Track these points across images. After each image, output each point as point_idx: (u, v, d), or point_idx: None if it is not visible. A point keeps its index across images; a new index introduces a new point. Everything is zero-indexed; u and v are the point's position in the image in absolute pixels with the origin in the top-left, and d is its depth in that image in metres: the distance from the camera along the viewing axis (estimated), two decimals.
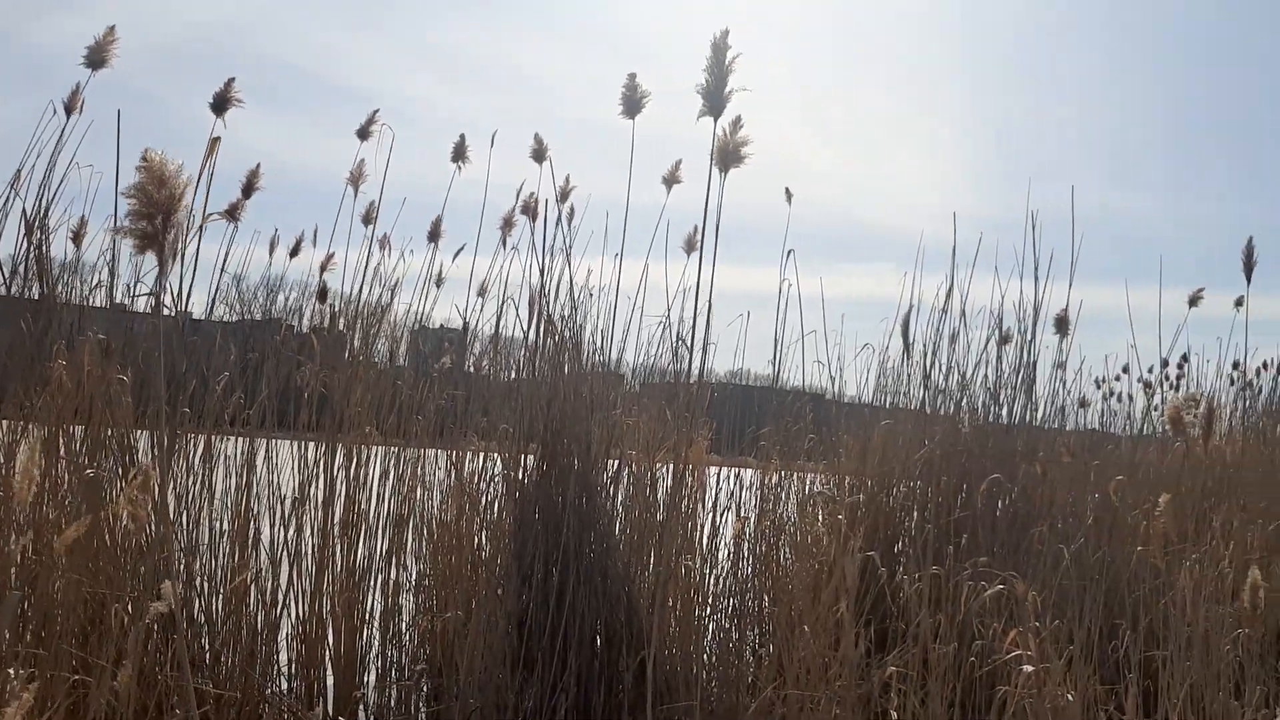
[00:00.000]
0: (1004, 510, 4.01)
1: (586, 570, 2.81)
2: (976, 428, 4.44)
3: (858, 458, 4.41)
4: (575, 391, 2.98)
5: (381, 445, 3.81)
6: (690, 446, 3.62)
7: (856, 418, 4.91)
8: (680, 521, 3.39)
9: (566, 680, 2.71)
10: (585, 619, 2.79)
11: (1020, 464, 4.21)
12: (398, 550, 3.68)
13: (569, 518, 2.86)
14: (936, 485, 4.19)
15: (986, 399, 4.46)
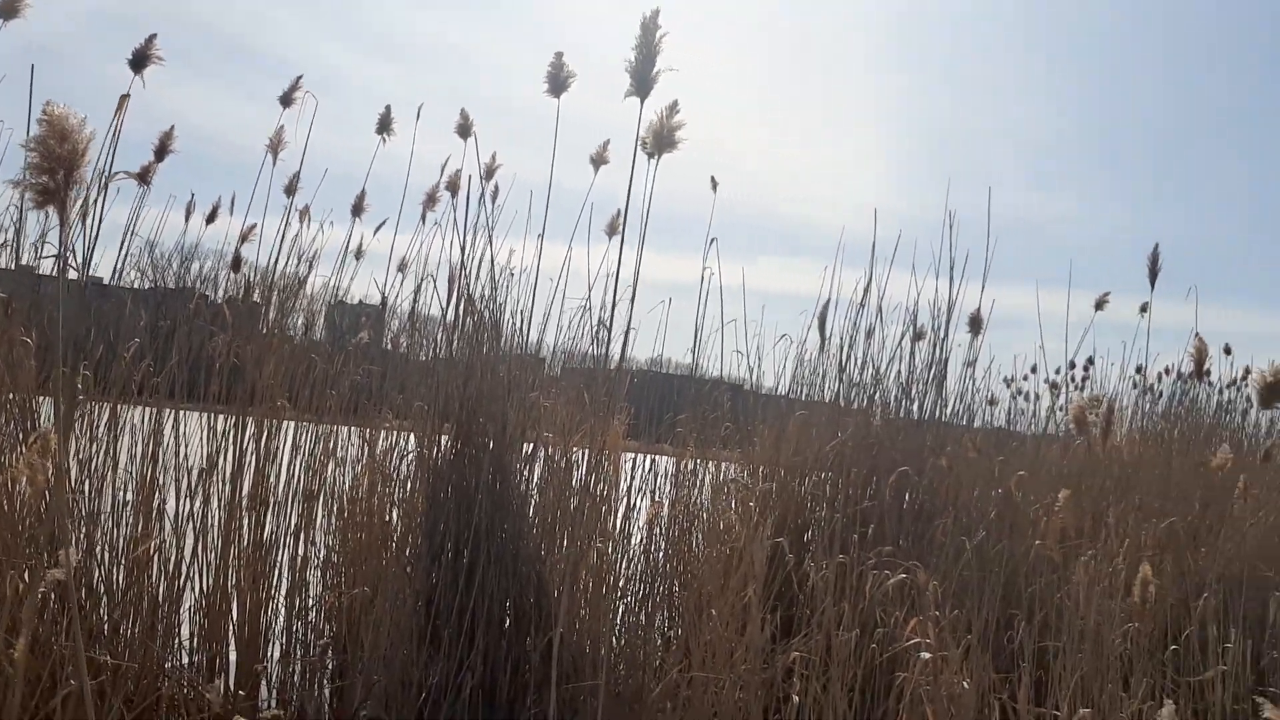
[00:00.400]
0: (911, 502, 4.10)
1: (498, 550, 2.81)
2: (888, 421, 4.52)
3: (772, 447, 4.47)
4: (492, 372, 2.97)
5: (294, 420, 3.75)
6: (607, 431, 3.64)
7: (773, 408, 4.96)
8: (594, 505, 3.40)
9: (473, 659, 2.70)
10: (495, 599, 2.79)
11: (928, 458, 4.31)
12: (307, 525, 3.63)
13: (481, 498, 2.86)
14: (847, 476, 4.26)
15: (899, 394, 4.55)
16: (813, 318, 4.61)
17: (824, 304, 4.02)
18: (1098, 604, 3.02)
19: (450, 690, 2.70)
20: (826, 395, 4.68)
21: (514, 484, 2.97)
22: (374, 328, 4.09)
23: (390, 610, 2.76)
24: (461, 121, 3.74)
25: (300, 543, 3.60)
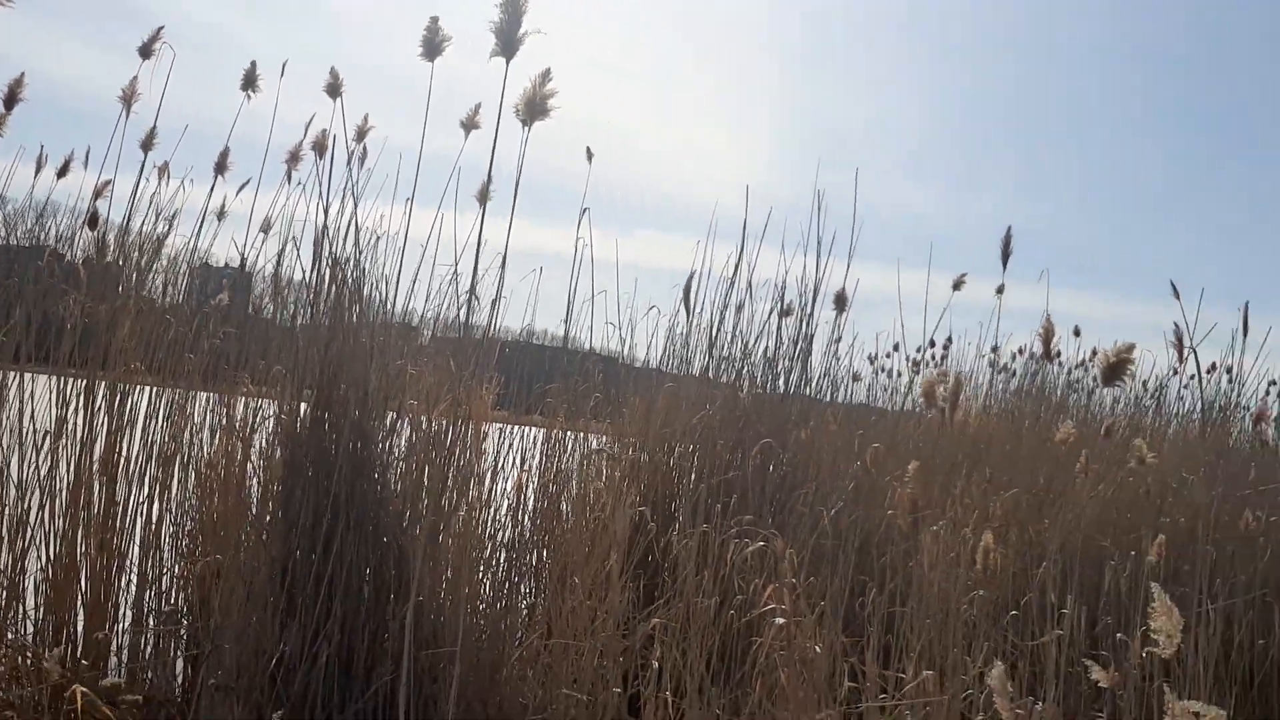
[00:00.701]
0: (774, 474, 4.20)
1: (357, 518, 2.78)
2: (755, 395, 4.62)
3: (642, 419, 4.52)
4: (354, 337, 2.92)
5: (150, 384, 3.63)
6: (474, 400, 3.62)
7: (645, 381, 5.01)
8: (458, 473, 3.39)
9: (330, 627, 2.68)
10: (354, 567, 2.76)
11: (793, 431, 4.42)
12: (162, 492, 3.53)
13: (341, 465, 2.82)
14: (714, 448, 4.34)
15: (766, 368, 4.65)
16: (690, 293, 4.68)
17: (690, 276, 4.08)
18: (945, 572, 3.15)
19: (306, 659, 2.66)
20: (696, 369, 4.76)
21: (375, 451, 2.94)
22: (234, 290, 3.98)
23: (244, 578, 2.70)
24: (331, 80, 3.64)
25: (155, 510, 3.50)
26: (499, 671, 2.88)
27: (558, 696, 2.71)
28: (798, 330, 4.68)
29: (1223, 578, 4.17)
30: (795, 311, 4.77)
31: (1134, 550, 3.63)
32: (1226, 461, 4.93)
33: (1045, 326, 4.12)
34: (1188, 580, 3.72)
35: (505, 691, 2.85)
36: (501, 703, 2.84)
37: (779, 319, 4.58)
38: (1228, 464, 4.92)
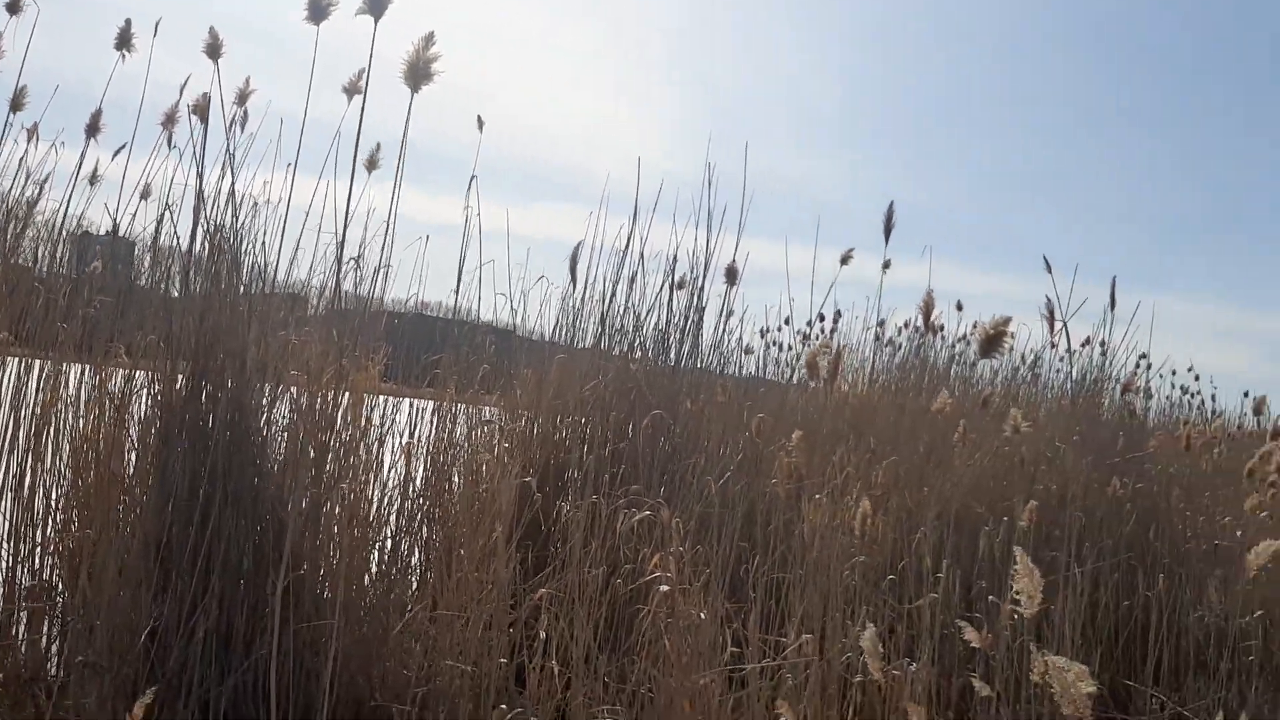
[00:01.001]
0: (664, 445, 4.24)
1: (235, 491, 2.72)
2: (647, 367, 4.65)
3: (534, 391, 4.51)
4: (232, 306, 2.84)
5: (20, 355, 3.49)
6: (360, 371, 3.57)
7: (538, 353, 5.00)
8: (346, 446, 3.34)
9: (208, 602, 2.62)
10: (232, 541, 2.70)
11: (683, 403, 4.47)
12: (34, 466, 3.40)
13: (219, 437, 2.75)
14: (605, 420, 4.36)
15: (658, 340, 4.68)
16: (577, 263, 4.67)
17: (576, 246, 4.07)
18: (827, 539, 3.22)
19: (184, 634, 2.60)
20: (589, 341, 4.76)
21: (255, 423, 2.88)
22: (107, 257, 3.83)
23: (118, 551, 2.63)
24: (210, 41, 3.52)
25: (26, 484, 3.37)
26: (383, 644, 2.86)
27: (442, 668, 2.70)
28: (689, 303, 4.72)
29: (1091, 542, 4.36)
30: (687, 285, 4.81)
31: (1008, 516, 3.76)
32: (1097, 431, 5.14)
33: (926, 300, 4.24)
34: (1058, 545, 3.87)
35: (390, 664, 2.83)
36: (385, 675, 2.82)
37: (670, 292, 4.62)
38: (1098, 433, 5.14)
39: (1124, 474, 4.81)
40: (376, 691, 2.78)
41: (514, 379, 4.53)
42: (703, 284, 4.64)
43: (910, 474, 4.41)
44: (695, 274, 4.65)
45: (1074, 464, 4.60)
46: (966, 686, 3.02)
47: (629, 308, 4.69)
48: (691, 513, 3.33)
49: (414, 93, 2.96)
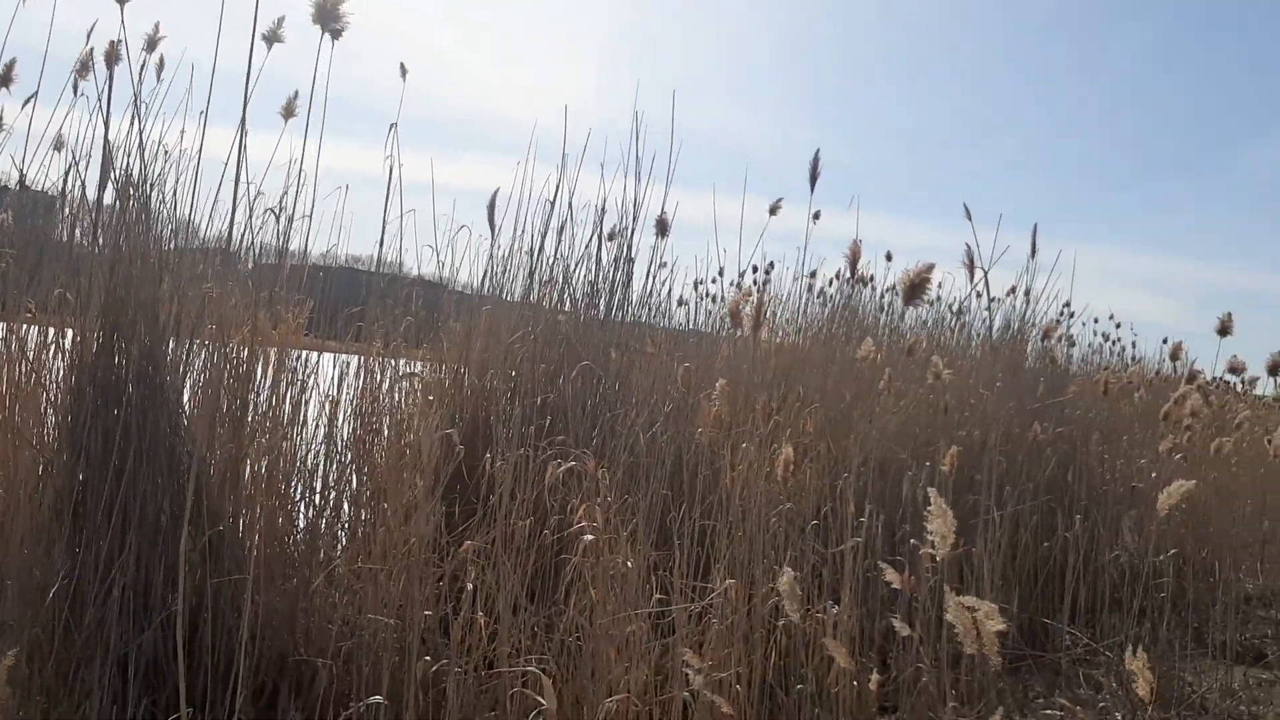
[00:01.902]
0: (593, 397, 4.24)
1: (150, 447, 2.66)
2: (576, 319, 4.63)
3: (462, 343, 4.47)
4: (142, 258, 2.77)
5: None
6: (280, 324, 3.51)
7: (466, 305, 4.95)
8: (262, 400, 3.29)
9: (125, 559, 2.57)
10: (148, 497, 2.65)
11: (613, 354, 4.46)
12: None
13: (131, 392, 2.69)
14: (534, 372, 4.34)
15: (587, 291, 4.66)
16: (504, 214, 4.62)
17: (494, 194, 4.01)
18: (752, 487, 3.25)
19: (100, 593, 2.56)
20: (517, 292, 4.72)
21: (169, 378, 2.82)
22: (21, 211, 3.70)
23: (26, 509, 2.56)
24: None
25: None
26: (306, 598, 2.84)
27: (366, 621, 2.69)
28: (619, 254, 4.70)
29: (1012, 485, 4.46)
30: (618, 236, 4.79)
31: (930, 462, 3.82)
32: (1019, 378, 5.25)
33: (852, 249, 4.27)
34: (981, 489, 3.95)
35: (313, 618, 2.82)
36: (310, 629, 2.81)
37: (599, 242, 4.59)
38: (1020, 380, 5.24)
39: (1045, 419, 4.92)
40: (300, 646, 2.76)
41: (441, 332, 4.49)
42: (632, 234, 4.62)
43: (838, 422, 4.46)
44: (624, 224, 4.62)
45: (996, 410, 4.69)
46: (890, 628, 3.08)
47: (558, 259, 4.66)
48: (620, 463, 3.34)
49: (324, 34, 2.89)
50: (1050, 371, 5.59)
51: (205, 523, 2.66)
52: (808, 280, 6.31)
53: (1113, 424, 5.66)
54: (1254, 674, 4.36)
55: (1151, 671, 2.31)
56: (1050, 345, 5.61)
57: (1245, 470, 5.73)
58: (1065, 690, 3.72)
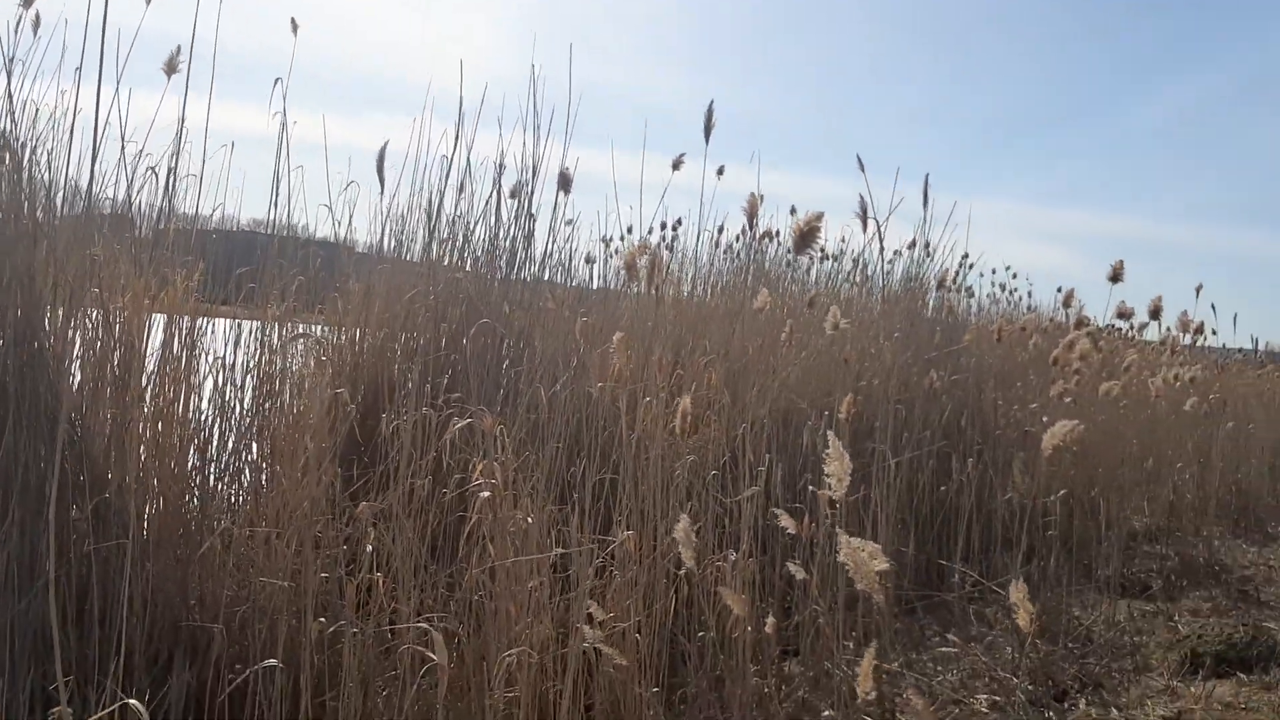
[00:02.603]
0: (496, 354, 4.23)
1: (30, 415, 2.59)
2: (478, 277, 4.60)
3: (361, 304, 4.42)
4: (15, 219, 2.67)
5: None
6: (168, 288, 3.42)
7: (365, 266, 4.88)
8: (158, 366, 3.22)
9: (8, 529, 2.51)
10: (30, 466, 2.58)
11: (515, 312, 4.45)
12: None
13: (9, 360, 2.61)
14: (436, 331, 4.31)
15: (488, 249, 4.63)
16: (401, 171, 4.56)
17: (383, 146, 3.95)
18: (654, 439, 3.28)
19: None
20: (417, 251, 4.67)
21: (49, 344, 2.73)
22: None
23: None
24: None
25: None
26: (198, 564, 2.80)
27: (260, 586, 2.67)
28: (520, 211, 4.67)
29: (909, 432, 4.58)
30: (520, 193, 4.75)
31: (829, 411, 3.90)
32: (918, 328, 5.36)
33: (750, 201, 4.30)
34: (880, 437, 4.05)
35: (206, 584, 2.78)
36: (203, 594, 2.77)
37: (498, 198, 4.55)
38: (919, 331, 5.36)
39: (941, 368, 5.04)
40: (194, 613, 2.72)
41: (338, 292, 4.42)
42: (532, 190, 4.59)
43: (741, 375, 4.52)
44: (525, 179, 4.59)
45: (895, 360, 4.79)
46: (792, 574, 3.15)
47: (458, 216, 4.62)
48: (521, 420, 3.34)
49: None
50: (948, 321, 5.72)
51: (88, 490, 2.61)
52: (714, 235, 6.36)
53: (1007, 371, 5.82)
54: (1138, 606, 4.57)
55: (1031, 603, 2.40)
56: (947, 295, 5.73)
57: (1132, 412, 5.95)
58: (958, 628, 3.85)
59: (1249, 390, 8.92)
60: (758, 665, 3.24)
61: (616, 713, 2.80)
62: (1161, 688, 3.57)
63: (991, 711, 3.26)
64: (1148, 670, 3.75)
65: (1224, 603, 4.74)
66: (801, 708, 3.23)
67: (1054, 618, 4.05)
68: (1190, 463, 6.35)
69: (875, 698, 3.29)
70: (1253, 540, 6.46)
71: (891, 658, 3.62)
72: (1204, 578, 5.16)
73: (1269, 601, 4.87)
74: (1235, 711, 3.36)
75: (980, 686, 3.45)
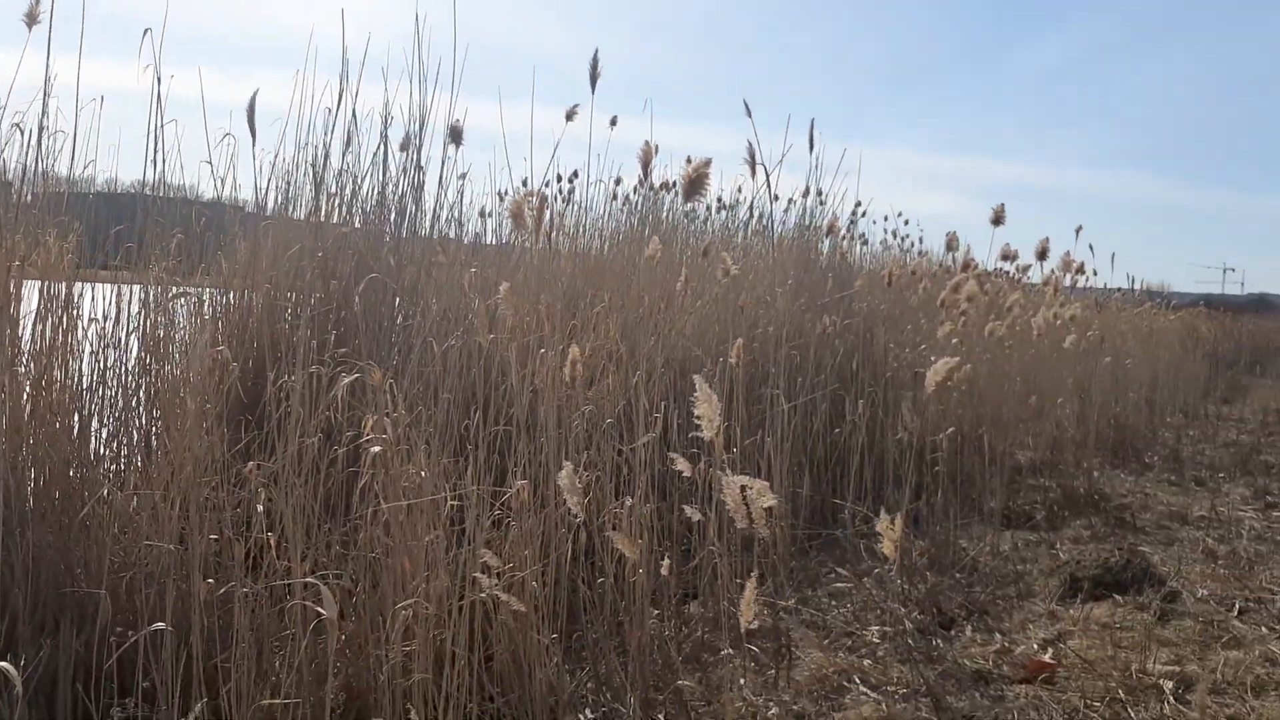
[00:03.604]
0: (388, 310, 4.18)
1: None
2: (368, 232, 4.53)
3: (248, 263, 4.32)
4: None
5: None
6: (37, 250, 3.31)
7: (252, 224, 4.76)
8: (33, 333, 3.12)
9: None
10: None
11: (407, 268, 4.40)
12: None
13: None
14: (326, 289, 4.24)
15: (378, 204, 4.56)
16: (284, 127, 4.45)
17: (253, 95, 3.84)
18: (551, 389, 3.28)
19: None
20: (304, 208, 4.57)
21: None
22: None
23: None
24: None
25: None
26: (82, 530, 2.74)
27: (147, 549, 2.62)
28: (410, 162, 4.60)
29: (804, 377, 4.67)
30: (409, 145, 4.68)
31: (724, 358, 3.95)
32: (812, 275, 5.45)
33: (644, 150, 4.31)
34: (775, 382, 4.12)
35: (91, 551, 2.72)
36: (88, 561, 2.71)
37: (385, 151, 4.48)
38: (813, 277, 5.45)
39: (834, 313, 5.14)
40: (79, 581, 2.67)
41: (223, 252, 4.32)
42: (421, 143, 4.53)
43: (638, 325, 4.55)
44: (412, 132, 4.52)
45: (788, 307, 4.87)
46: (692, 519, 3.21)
47: (345, 170, 4.53)
48: (414, 375, 3.32)
49: None
50: (841, 268, 5.83)
51: None
52: (610, 187, 6.35)
53: (898, 315, 5.97)
54: (1022, 536, 4.76)
55: (913, 536, 2.49)
56: (839, 242, 5.84)
57: (1016, 351, 6.16)
58: (851, 563, 3.97)
59: (1127, 327, 9.29)
60: (658, 609, 3.30)
61: (516, 661, 2.83)
62: (1043, 612, 3.73)
63: (882, 642, 3.38)
64: (1030, 596, 3.92)
65: (1102, 530, 4.97)
66: (701, 647, 3.31)
67: (942, 550, 4.20)
68: (1071, 398, 6.61)
69: (773, 634, 3.39)
70: (1130, 470, 6.77)
71: (788, 595, 3.72)
72: (1084, 507, 5.39)
73: (1144, 527, 5.13)
74: (1111, 631, 3.53)
75: (872, 619, 3.57)
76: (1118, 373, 7.53)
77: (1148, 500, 5.78)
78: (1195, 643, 3.38)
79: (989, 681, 3.05)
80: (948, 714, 2.75)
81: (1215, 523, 5.22)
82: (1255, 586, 4.02)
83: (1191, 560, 4.44)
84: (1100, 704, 2.84)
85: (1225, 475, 6.73)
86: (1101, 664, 3.13)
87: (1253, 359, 19.58)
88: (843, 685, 3.02)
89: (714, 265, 4.98)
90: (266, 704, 2.41)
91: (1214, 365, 14.47)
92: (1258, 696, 2.92)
